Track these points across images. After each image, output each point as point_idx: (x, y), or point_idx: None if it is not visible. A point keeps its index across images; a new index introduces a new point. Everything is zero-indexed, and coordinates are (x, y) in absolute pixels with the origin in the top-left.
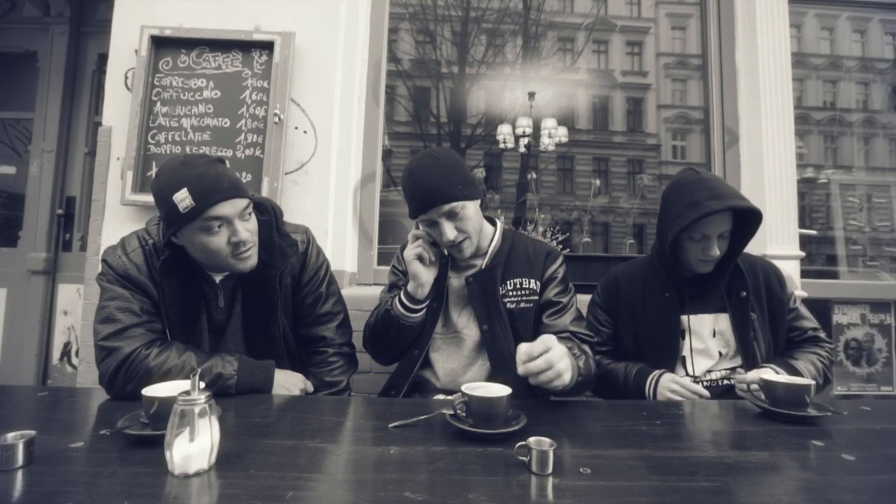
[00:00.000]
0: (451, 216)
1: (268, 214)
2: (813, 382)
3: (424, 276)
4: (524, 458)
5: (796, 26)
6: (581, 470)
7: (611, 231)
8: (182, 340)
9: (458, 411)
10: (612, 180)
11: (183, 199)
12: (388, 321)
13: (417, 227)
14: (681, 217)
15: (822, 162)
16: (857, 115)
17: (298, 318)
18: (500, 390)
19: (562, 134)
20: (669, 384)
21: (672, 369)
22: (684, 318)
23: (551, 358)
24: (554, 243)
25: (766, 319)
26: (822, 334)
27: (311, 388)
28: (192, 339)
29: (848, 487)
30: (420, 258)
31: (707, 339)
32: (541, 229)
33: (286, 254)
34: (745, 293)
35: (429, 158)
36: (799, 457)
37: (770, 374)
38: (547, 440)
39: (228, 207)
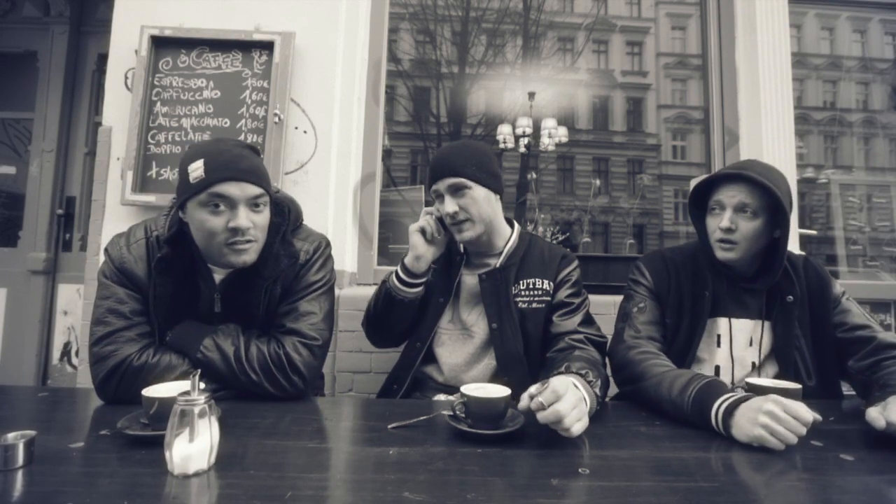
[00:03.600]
0: (455, 190)
1: (281, 218)
2: (800, 386)
3: (422, 248)
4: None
5: (796, 26)
6: (580, 470)
7: (611, 231)
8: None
9: (458, 412)
10: (612, 180)
11: (196, 168)
12: (385, 296)
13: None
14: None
15: (822, 162)
16: (857, 115)
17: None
18: (499, 391)
19: (562, 134)
20: (761, 413)
21: None
22: (722, 321)
23: (560, 410)
24: (554, 243)
25: (808, 326)
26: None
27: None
28: None
29: (847, 487)
30: (423, 231)
31: (743, 347)
32: (541, 229)
33: (279, 264)
34: (791, 298)
35: (460, 141)
36: (798, 457)
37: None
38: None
39: (235, 188)
